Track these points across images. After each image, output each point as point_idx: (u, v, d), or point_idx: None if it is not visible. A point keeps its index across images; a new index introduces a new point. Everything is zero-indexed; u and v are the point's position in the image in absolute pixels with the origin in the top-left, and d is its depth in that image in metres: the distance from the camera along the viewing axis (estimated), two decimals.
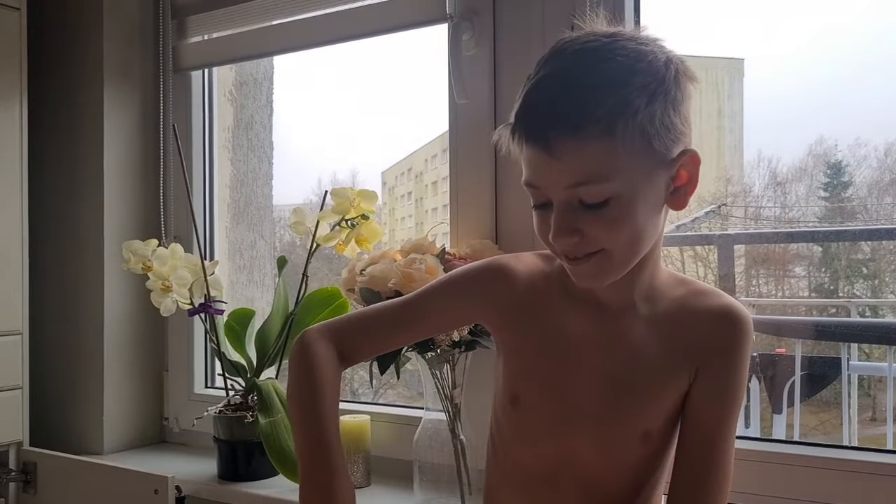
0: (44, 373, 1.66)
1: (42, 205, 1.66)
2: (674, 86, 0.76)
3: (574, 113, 0.73)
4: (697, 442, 0.83)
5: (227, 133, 1.75)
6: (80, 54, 1.65)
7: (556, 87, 0.75)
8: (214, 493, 1.40)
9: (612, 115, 0.73)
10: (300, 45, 1.52)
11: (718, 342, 0.83)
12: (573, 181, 0.75)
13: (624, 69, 0.74)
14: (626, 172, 0.75)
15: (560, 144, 0.74)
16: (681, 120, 0.77)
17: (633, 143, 0.74)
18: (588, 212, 0.76)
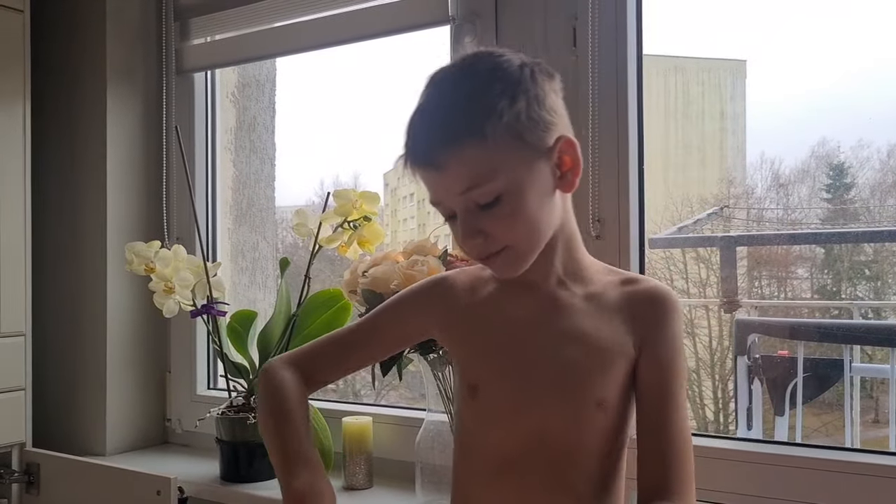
0: (47, 374, 1.66)
1: (45, 206, 1.66)
2: (532, 84, 0.83)
3: (446, 127, 0.81)
4: (652, 413, 0.88)
5: (229, 134, 1.75)
6: (83, 56, 1.66)
7: (429, 111, 0.84)
8: (216, 495, 1.40)
9: (479, 121, 0.80)
10: (303, 47, 1.52)
11: (653, 316, 0.89)
12: (462, 188, 0.81)
13: (483, 81, 0.82)
14: (507, 169, 0.81)
15: (440, 158, 0.81)
16: (547, 112, 0.84)
17: (506, 142, 0.81)
18: (485, 213, 0.82)
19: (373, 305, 1.20)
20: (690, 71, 2.92)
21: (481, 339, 0.93)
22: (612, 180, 1.21)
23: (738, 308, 2.28)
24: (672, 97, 2.88)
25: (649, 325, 0.89)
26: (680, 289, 2.83)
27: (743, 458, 1.13)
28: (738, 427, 2.19)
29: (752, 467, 1.12)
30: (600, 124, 1.20)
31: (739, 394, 2.14)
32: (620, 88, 1.20)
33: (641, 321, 0.89)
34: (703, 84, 2.92)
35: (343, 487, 1.36)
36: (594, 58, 1.20)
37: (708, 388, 2.78)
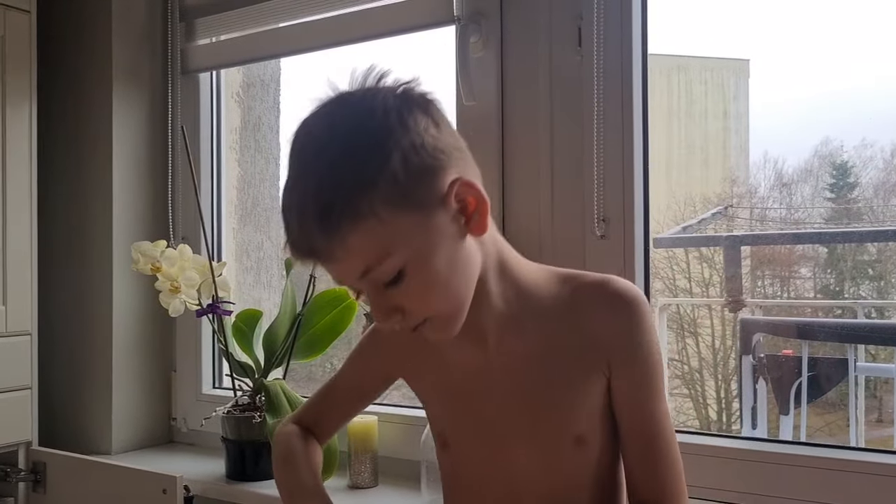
0: (53, 373, 1.67)
1: (51, 206, 1.67)
2: (403, 132, 0.72)
3: (319, 216, 0.70)
4: (635, 434, 0.82)
5: (234, 134, 1.76)
6: (89, 56, 1.66)
7: (297, 195, 0.73)
8: (222, 493, 1.40)
9: (353, 199, 0.70)
10: (308, 47, 1.52)
11: (620, 330, 0.81)
12: (357, 273, 0.73)
13: (346, 148, 0.71)
14: (401, 242, 0.72)
15: (324, 252, 0.72)
16: (430, 156, 0.73)
17: (390, 212, 0.71)
18: (393, 288, 0.74)
19: None
20: (693, 70, 2.92)
21: (440, 392, 0.89)
22: (616, 180, 1.21)
23: (743, 307, 2.29)
24: (675, 96, 2.89)
25: (614, 339, 0.81)
26: (683, 288, 2.84)
27: (748, 457, 1.13)
28: (742, 426, 2.19)
29: (757, 466, 1.12)
30: (605, 124, 1.20)
31: (744, 393, 2.14)
32: (625, 88, 1.20)
33: (607, 337, 0.81)
34: (706, 83, 2.93)
35: (348, 486, 1.36)
36: (599, 57, 1.20)
37: (711, 388, 2.79)
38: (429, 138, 0.73)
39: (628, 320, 0.81)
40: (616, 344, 0.81)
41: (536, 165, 1.27)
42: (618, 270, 1.20)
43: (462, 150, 0.78)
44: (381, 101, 0.74)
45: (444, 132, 0.76)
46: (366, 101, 0.74)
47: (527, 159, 1.28)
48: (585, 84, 1.22)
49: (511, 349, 0.83)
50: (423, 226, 0.73)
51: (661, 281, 2.70)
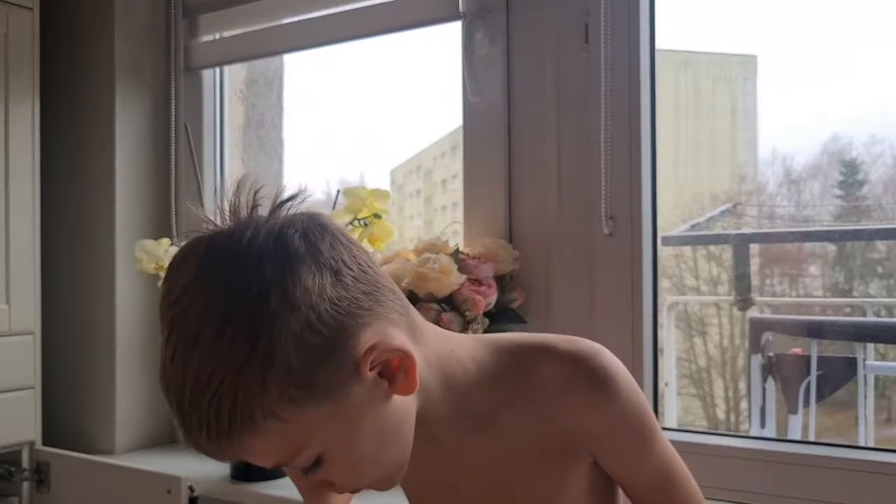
0: (56, 373, 1.66)
1: (54, 205, 1.66)
2: (289, 313, 0.58)
3: (205, 432, 0.59)
4: (645, 488, 0.75)
5: (237, 132, 1.75)
6: (91, 53, 1.65)
7: (174, 400, 0.61)
8: (227, 493, 1.39)
9: (241, 412, 0.58)
10: (312, 43, 1.51)
11: (596, 417, 0.70)
12: (271, 464, 0.63)
13: (220, 354, 0.58)
14: (310, 433, 0.61)
15: (223, 454, 0.61)
16: (332, 328, 0.60)
17: (289, 410, 0.59)
18: (318, 469, 0.64)
19: None
20: (701, 66, 2.90)
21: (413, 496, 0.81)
22: (624, 177, 1.19)
23: (752, 306, 2.27)
24: (682, 92, 2.87)
25: (593, 427, 0.71)
26: (691, 286, 2.82)
27: (758, 456, 1.12)
28: (751, 426, 2.18)
29: (766, 466, 1.11)
30: (612, 121, 1.19)
31: (753, 392, 2.13)
32: (633, 85, 1.19)
33: (580, 426, 0.71)
34: (713, 79, 2.91)
35: None
36: (606, 54, 1.19)
37: (719, 388, 2.77)
38: (327, 306, 0.60)
39: (607, 407, 0.70)
40: (598, 435, 0.71)
41: (543, 162, 1.26)
42: (626, 269, 1.19)
43: (372, 294, 0.63)
44: (256, 268, 0.59)
45: (346, 281, 0.62)
46: (239, 268, 0.60)
47: (533, 156, 1.27)
48: (592, 80, 1.20)
49: (475, 456, 0.73)
50: (336, 410, 0.61)
51: (669, 279, 2.68)
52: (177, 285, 0.62)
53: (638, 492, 0.76)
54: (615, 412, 0.70)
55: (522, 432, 0.72)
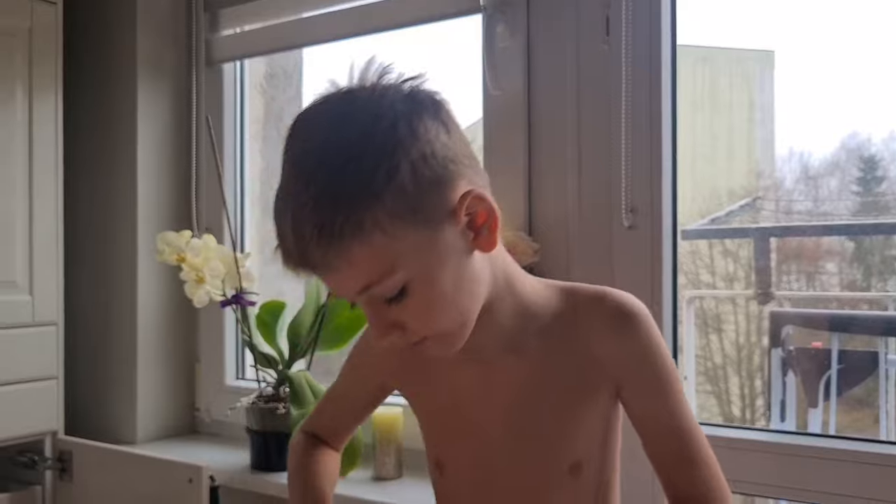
0: (79, 363, 1.68)
1: (77, 197, 1.68)
2: (412, 140, 0.67)
3: (319, 227, 0.65)
4: (662, 441, 0.79)
5: (257, 125, 1.76)
6: (114, 47, 1.67)
7: (294, 203, 0.67)
8: (248, 483, 1.41)
9: (357, 212, 0.65)
10: (332, 36, 1.52)
11: (627, 349, 0.77)
12: (358, 287, 0.68)
13: (348, 162, 0.66)
14: (406, 256, 0.67)
15: (321, 263, 0.67)
16: (440, 166, 0.68)
17: (396, 226, 0.66)
18: (395, 304, 0.69)
19: None
20: (718, 61, 2.89)
21: (436, 414, 0.85)
22: (644, 170, 1.19)
23: (772, 300, 2.26)
24: (700, 88, 2.86)
25: (620, 359, 0.77)
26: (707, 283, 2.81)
27: (778, 450, 1.11)
28: (770, 419, 2.17)
29: (786, 459, 1.10)
30: (633, 113, 1.19)
31: (773, 386, 2.12)
32: (654, 77, 1.19)
33: (612, 356, 0.77)
34: (731, 75, 2.89)
35: (372, 478, 1.36)
36: (627, 47, 1.18)
37: (735, 385, 2.76)
38: (439, 147, 0.68)
39: (632, 337, 0.77)
40: (623, 364, 0.77)
41: (563, 155, 1.26)
42: (646, 262, 1.19)
43: (472, 158, 0.73)
44: (389, 106, 0.68)
45: (454, 139, 0.71)
46: (372, 104, 0.68)
47: (554, 149, 1.27)
48: (613, 73, 1.20)
49: (510, 370, 0.79)
50: (431, 241, 0.68)
51: (685, 276, 2.67)
52: (311, 112, 0.71)
53: (652, 435, 0.79)
54: (644, 348, 0.77)
55: (557, 360, 0.78)
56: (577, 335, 0.78)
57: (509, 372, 0.79)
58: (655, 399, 0.78)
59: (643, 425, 0.80)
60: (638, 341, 0.77)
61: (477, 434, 0.81)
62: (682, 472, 0.79)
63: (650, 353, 0.77)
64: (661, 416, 0.79)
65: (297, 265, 0.69)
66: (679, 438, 0.79)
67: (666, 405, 0.78)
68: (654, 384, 0.78)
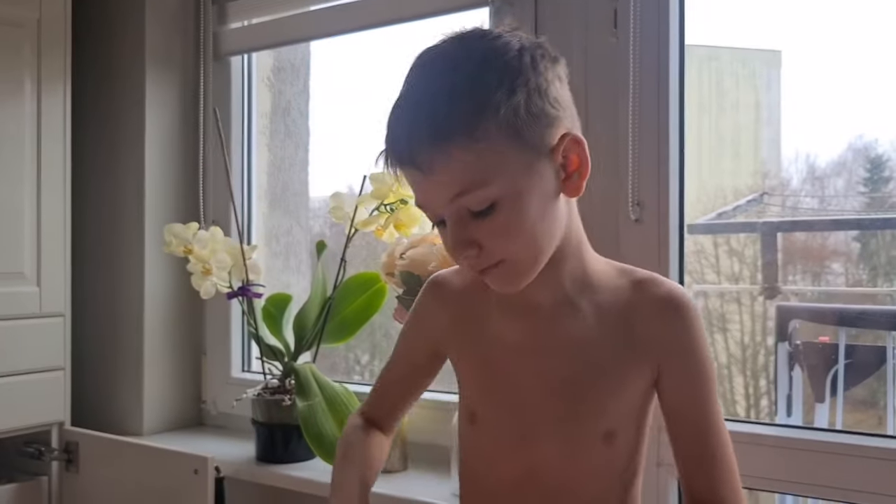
0: (85, 354, 1.68)
1: (84, 189, 1.68)
2: (532, 73, 0.73)
3: (433, 124, 0.71)
4: (688, 436, 0.81)
5: (264, 119, 1.76)
6: (122, 40, 1.67)
7: (412, 105, 0.74)
8: (253, 475, 1.41)
9: (471, 117, 0.70)
10: (339, 30, 1.52)
11: (672, 335, 0.80)
12: (451, 193, 0.72)
13: (475, 70, 0.72)
14: (503, 173, 0.72)
15: (426, 159, 0.71)
16: (550, 105, 0.74)
17: (502, 142, 0.71)
18: (479, 220, 0.73)
19: (411, 287, 1.20)
20: (724, 61, 2.88)
21: (480, 363, 0.87)
22: (651, 163, 1.19)
23: (779, 294, 2.25)
24: (706, 87, 2.85)
25: (669, 345, 0.80)
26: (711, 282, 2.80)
27: (784, 444, 1.11)
28: (777, 414, 2.16)
29: (793, 453, 1.10)
30: (640, 106, 1.19)
31: (780, 380, 2.11)
32: (662, 70, 1.18)
33: (659, 340, 0.80)
34: (737, 74, 2.89)
35: None
36: (635, 39, 1.18)
37: (739, 385, 2.75)
38: (553, 88, 0.75)
39: (682, 324, 0.80)
40: (666, 349, 0.80)
41: None
42: (653, 256, 1.19)
43: (576, 114, 0.79)
44: (518, 42, 0.75)
45: (565, 89, 0.77)
46: (502, 38, 0.75)
47: None
48: (621, 66, 1.20)
49: (560, 331, 0.81)
50: (528, 167, 0.73)
51: (690, 274, 2.67)
52: (439, 41, 0.77)
53: (679, 429, 0.81)
54: (688, 338, 0.80)
55: (607, 330, 0.81)
56: (628, 312, 0.81)
57: (558, 333, 0.81)
58: (690, 392, 0.80)
59: (673, 418, 0.82)
60: (684, 330, 0.79)
61: (515, 391, 0.83)
62: (703, 472, 0.80)
63: (693, 345, 0.80)
64: (691, 410, 0.80)
65: (400, 160, 0.73)
66: (706, 438, 0.80)
67: (697, 400, 0.80)
68: (691, 376, 0.80)
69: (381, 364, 1.02)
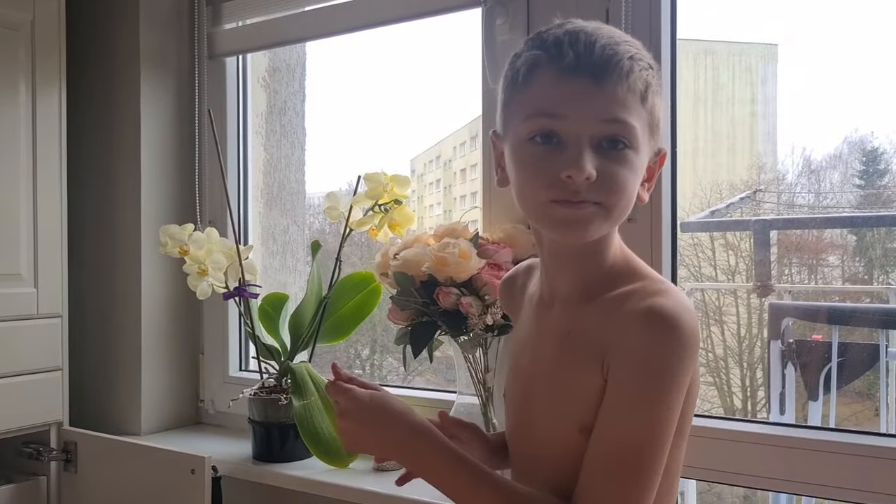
0: (84, 355, 1.69)
1: (81, 190, 1.69)
2: (658, 82, 0.79)
3: (628, 49, 0.76)
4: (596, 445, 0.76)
5: (260, 119, 1.76)
6: (117, 41, 1.67)
7: (605, 32, 0.77)
8: (250, 474, 1.42)
9: (648, 69, 0.77)
10: (334, 30, 1.52)
11: (629, 341, 0.75)
12: (611, 115, 0.74)
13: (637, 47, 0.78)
14: (640, 130, 0.76)
15: (609, 70, 0.74)
16: (660, 117, 0.80)
17: (646, 107, 0.77)
18: (601, 157, 0.75)
19: (404, 287, 1.21)
20: (720, 55, 2.88)
21: (511, 347, 0.94)
22: None
23: (772, 292, 2.26)
24: (701, 82, 2.85)
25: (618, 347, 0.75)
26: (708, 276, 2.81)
27: (777, 442, 1.12)
28: (770, 412, 2.17)
29: (786, 452, 1.11)
30: None
31: (773, 378, 2.12)
32: None
33: (614, 341, 0.76)
34: (733, 69, 2.88)
35: (373, 468, 1.37)
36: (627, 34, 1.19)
37: (736, 377, 2.76)
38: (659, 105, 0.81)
39: (642, 336, 0.74)
40: (618, 349, 0.75)
41: None
42: (645, 254, 1.19)
43: None
44: None
45: None
46: None
47: None
48: None
49: (561, 323, 0.83)
50: (648, 146, 0.78)
51: (686, 268, 2.67)
52: None
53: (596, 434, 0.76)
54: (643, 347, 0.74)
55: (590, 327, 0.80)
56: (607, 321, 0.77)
57: (559, 324, 0.83)
58: (620, 407, 0.75)
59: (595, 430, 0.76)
60: (643, 334, 0.74)
61: (521, 377, 0.88)
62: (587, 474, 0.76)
63: (646, 361, 0.74)
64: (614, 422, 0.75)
65: (580, 67, 0.74)
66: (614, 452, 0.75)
67: (626, 422, 0.74)
68: (632, 391, 0.74)
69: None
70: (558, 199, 0.75)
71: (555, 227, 0.78)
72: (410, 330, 1.20)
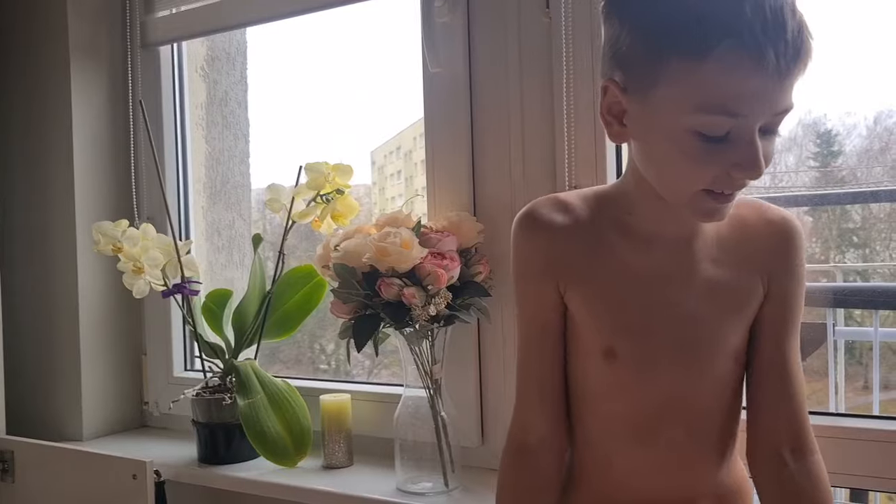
0: (19, 360, 1.63)
1: (11, 188, 1.62)
2: None
3: (806, 38, 0.73)
4: (772, 354, 0.85)
5: (200, 110, 1.71)
6: (44, 31, 1.60)
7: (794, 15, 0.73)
8: (194, 477, 1.38)
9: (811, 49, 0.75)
10: (272, 15, 1.47)
11: (783, 249, 0.85)
12: (784, 107, 0.74)
13: None
14: None
15: (796, 65, 0.72)
16: None
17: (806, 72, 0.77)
18: (763, 138, 0.74)
19: (346, 280, 1.17)
20: None
21: (614, 297, 0.85)
22: (588, 146, 1.17)
23: None
24: None
25: (777, 259, 0.85)
26: None
27: None
28: None
29: None
30: (575, 87, 1.17)
31: None
32: (595, 50, 1.16)
33: (767, 255, 0.85)
34: None
35: (323, 466, 1.33)
36: (567, 19, 1.16)
37: None
38: None
39: (794, 245, 0.85)
40: (779, 260, 0.85)
41: (507, 132, 1.23)
42: None
43: None
44: None
45: None
46: None
47: (497, 126, 1.24)
48: (555, 47, 1.18)
49: (689, 257, 0.84)
50: None
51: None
52: None
53: (769, 377, 0.85)
54: (795, 262, 0.86)
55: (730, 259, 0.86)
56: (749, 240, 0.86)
57: (685, 261, 0.84)
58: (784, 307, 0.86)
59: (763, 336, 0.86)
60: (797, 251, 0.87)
61: (650, 319, 0.84)
62: (786, 402, 0.85)
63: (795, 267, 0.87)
64: (782, 324, 0.86)
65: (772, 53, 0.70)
66: (786, 354, 0.85)
67: (790, 316, 0.86)
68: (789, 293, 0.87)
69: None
70: (715, 190, 0.76)
71: (697, 213, 0.80)
72: (353, 323, 1.16)
